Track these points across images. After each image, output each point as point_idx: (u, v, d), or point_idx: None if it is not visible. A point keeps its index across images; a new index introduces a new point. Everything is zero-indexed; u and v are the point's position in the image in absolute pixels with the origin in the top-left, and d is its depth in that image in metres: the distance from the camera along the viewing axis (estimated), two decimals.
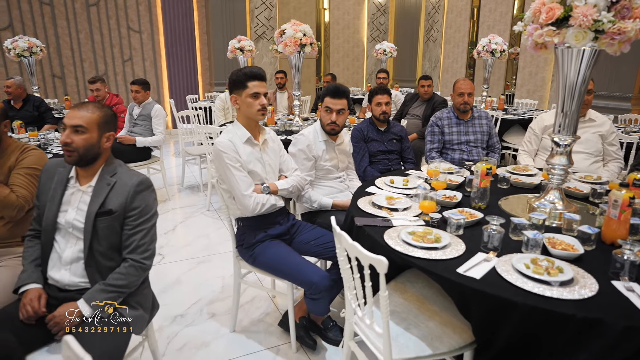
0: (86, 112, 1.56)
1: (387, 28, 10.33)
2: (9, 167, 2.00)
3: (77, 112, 1.55)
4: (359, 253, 1.43)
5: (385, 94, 3.11)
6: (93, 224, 1.58)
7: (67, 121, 1.54)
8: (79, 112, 1.55)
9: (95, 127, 1.57)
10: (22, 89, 4.77)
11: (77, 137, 1.54)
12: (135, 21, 8.12)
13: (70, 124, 1.54)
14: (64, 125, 1.56)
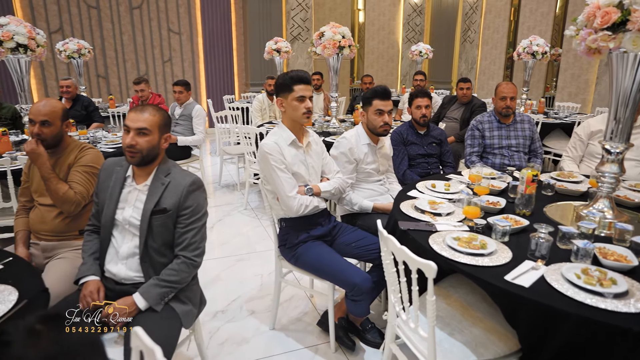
0: (149, 115, 1.64)
1: (422, 29, 10.23)
2: (68, 164, 2.12)
3: (140, 116, 1.63)
4: (407, 257, 1.44)
5: (425, 97, 3.10)
6: (148, 221, 1.66)
7: (130, 124, 1.62)
8: (141, 115, 1.64)
9: (156, 129, 1.66)
10: (76, 89, 5.02)
11: (141, 139, 1.62)
12: (176, 23, 8.36)
13: (134, 127, 1.62)
14: (126, 128, 1.64)
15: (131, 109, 1.69)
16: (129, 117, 1.65)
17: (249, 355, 2.27)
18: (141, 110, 1.66)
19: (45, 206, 2.10)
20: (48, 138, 2.04)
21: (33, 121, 2.02)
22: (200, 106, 4.59)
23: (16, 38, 3.36)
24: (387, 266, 1.67)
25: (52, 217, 2.08)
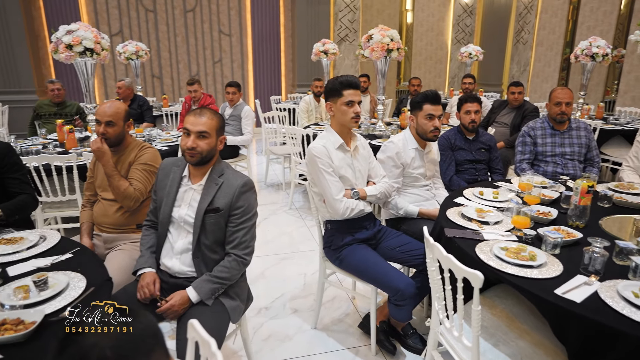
0: (207, 119, 1.73)
1: (472, 30, 9.97)
2: (129, 162, 2.26)
3: (199, 119, 1.72)
4: (453, 265, 1.44)
5: (475, 102, 3.04)
6: (202, 219, 1.75)
7: (191, 127, 1.71)
8: (201, 119, 1.72)
9: (214, 132, 1.75)
10: (130, 89, 5.30)
11: (201, 142, 1.72)
12: (226, 25, 8.62)
13: (195, 130, 1.71)
14: (186, 131, 1.73)
15: (189, 112, 1.78)
16: (188, 120, 1.74)
17: (290, 353, 2.33)
18: (200, 114, 1.74)
19: (108, 200, 2.25)
20: (112, 137, 2.19)
21: (99, 121, 2.18)
22: (249, 107, 4.73)
23: (84, 42, 3.59)
24: (432, 273, 1.67)
25: (113, 210, 2.23)
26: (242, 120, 4.66)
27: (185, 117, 1.79)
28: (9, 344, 1.15)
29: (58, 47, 3.60)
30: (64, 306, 1.34)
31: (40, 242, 1.80)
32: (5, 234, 1.84)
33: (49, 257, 1.67)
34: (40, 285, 1.41)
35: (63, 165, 3.06)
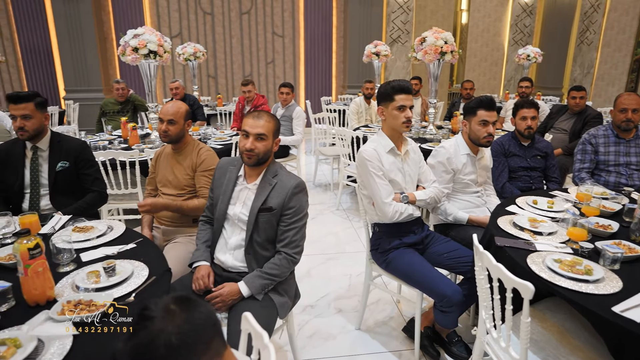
0: (265, 122, 1.81)
1: (532, 30, 9.57)
2: (189, 160, 2.38)
3: (258, 122, 1.80)
4: (502, 275, 1.43)
5: (532, 108, 2.94)
6: (255, 218, 1.83)
7: (250, 130, 1.79)
8: (259, 121, 1.80)
9: (271, 134, 1.82)
10: (183, 89, 5.55)
11: (259, 143, 1.80)
12: (280, 26, 8.80)
13: (253, 133, 1.79)
14: (245, 132, 1.81)
15: (247, 114, 1.86)
16: (247, 122, 1.82)
17: (334, 352, 2.37)
18: (258, 116, 1.82)
19: (167, 195, 2.39)
20: (172, 135, 2.33)
21: (162, 119, 2.33)
22: (301, 108, 4.81)
23: (149, 45, 3.82)
24: (481, 282, 1.65)
25: None
26: (294, 121, 4.76)
27: (243, 119, 1.87)
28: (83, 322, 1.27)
29: (125, 50, 3.84)
30: (129, 292, 1.46)
31: (107, 232, 1.95)
32: (79, 222, 2.01)
33: (115, 246, 1.81)
34: (109, 272, 1.53)
35: (127, 160, 3.27)
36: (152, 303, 0.94)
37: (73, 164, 2.47)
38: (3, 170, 2.42)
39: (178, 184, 2.37)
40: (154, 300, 0.96)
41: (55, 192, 2.44)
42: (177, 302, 0.95)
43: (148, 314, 0.92)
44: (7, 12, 7.92)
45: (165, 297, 0.96)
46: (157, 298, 0.97)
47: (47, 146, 2.42)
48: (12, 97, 2.27)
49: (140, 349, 0.87)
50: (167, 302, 0.94)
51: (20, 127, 2.28)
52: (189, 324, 0.91)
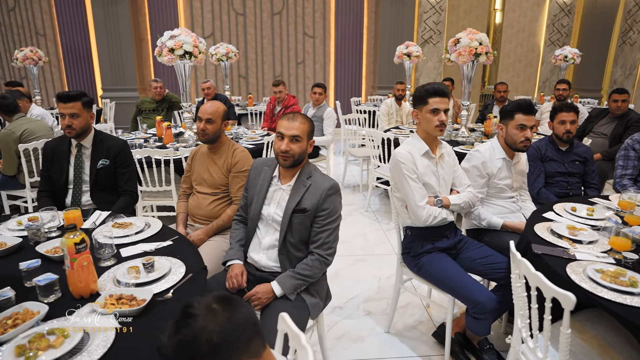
0: (300, 124, 1.82)
1: (570, 30, 9.27)
2: (224, 160, 2.43)
3: (293, 124, 1.82)
4: (542, 284, 1.39)
5: (571, 112, 2.85)
6: (289, 218, 1.84)
7: (285, 132, 1.81)
8: (294, 123, 1.82)
9: (306, 136, 1.83)
10: (215, 89, 5.65)
11: (294, 145, 1.81)
12: (311, 27, 8.83)
13: (289, 135, 1.80)
14: (280, 134, 1.83)
15: (282, 116, 1.88)
16: (282, 124, 1.84)
17: (363, 353, 2.37)
18: (293, 118, 1.83)
19: (202, 194, 2.45)
20: (210, 134, 2.38)
21: (200, 118, 2.38)
22: (332, 109, 4.82)
23: (184, 46, 3.91)
24: (517, 290, 1.62)
25: (206, 204, 2.42)
26: (324, 121, 4.77)
27: (278, 121, 1.89)
28: (124, 315, 1.31)
29: (162, 50, 3.94)
30: (167, 288, 1.50)
31: (145, 229, 2.01)
32: (118, 219, 2.08)
33: (153, 243, 1.86)
34: (148, 268, 1.58)
35: (162, 158, 3.36)
36: (195, 301, 0.97)
37: (112, 162, 2.55)
38: (50, 166, 2.53)
39: (213, 182, 2.42)
40: (197, 299, 0.98)
41: (95, 189, 2.53)
42: (219, 301, 0.97)
43: (191, 311, 0.94)
44: (50, 15, 8.27)
45: (207, 296, 0.98)
46: (199, 296, 1.00)
47: (90, 144, 2.52)
48: (62, 97, 2.37)
49: (183, 346, 0.90)
50: (209, 301, 0.96)
51: (68, 125, 2.37)
52: (230, 323, 0.93)
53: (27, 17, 8.21)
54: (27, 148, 3.60)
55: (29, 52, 6.42)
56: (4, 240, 1.86)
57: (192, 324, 0.91)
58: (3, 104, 3.65)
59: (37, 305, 1.34)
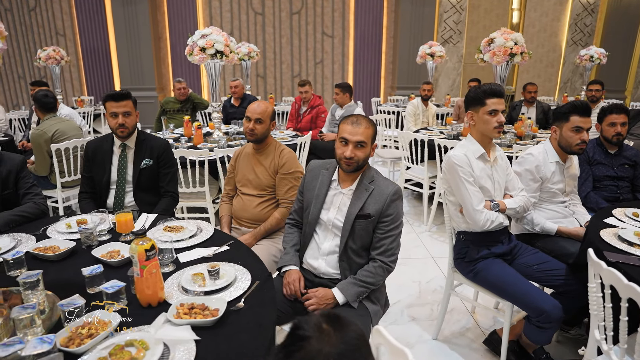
0: (364, 129, 1.75)
1: (592, 30, 9.13)
2: (270, 160, 2.37)
3: (357, 129, 1.75)
4: (637, 295, 1.32)
5: (622, 113, 2.76)
6: (352, 224, 1.78)
7: (349, 137, 1.74)
8: (358, 128, 1.75)
9: (369, 140, 1.77)
10: (243, 88, 5.61)
11: (358, 151, 1.75)
12: (329, 27, 8.78)
13: (354, 140, 1.74)
14: (344, 140, 1.76)
15: (345, 121, 1.80)
16: (345, 129, 1.77)
17: None
18: (357, 123, 1.76)
19: (247, 196, 2.39)
20: (259, 134, 2.32)
21: (249, 118, 2.32)
22: (361, 109, 4.76)
23: (216, 45, 3.86)
24: (596, 300, 1.54)
25: (253, 206, 2.37)
26: None
27: (340, 125, 1.82)
28: (200, 326, 1.26)
29: (193, 49, 3.90)
30: (237, 296, 1.44)
31: (198, 233, 1.96)
32: (169, 222, 2.03)
33: (209, 248, 1.80)
34: (213, 275, 1.52)
35: (197, 159, 3.32)
36: (302, 322, 0.91)
37: (155, 162, 2.51)
38: (91, 167, 2.49)
39: (259, 183, 2.36)
40: (303, 319, 0.93)
41: (138, 189, 2.49)
42: (328, 320, 0.92)
43: (302, 333, 0.88)
44: (71, 15, 8.28)
45: (313, 316, 0.93)
46: (303, 316, 0.94)
47: (134, 144, 2.48)
48: (116, 95, 2.33)
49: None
50: (318, 321, 0.91)
51: (122, 124, 2.33)
52: (345, 343, 0.87)
53: (48, 17, 8.24)
54: (59, 148, 3.58)
55: (52, 51, 6.42)
56: (57, 244, 1.82)
57: (305, 347, 0.85)
58: (44, 101, 3.64)
59: (107, 314, 1.29)
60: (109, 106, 2.34)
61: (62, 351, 1.14)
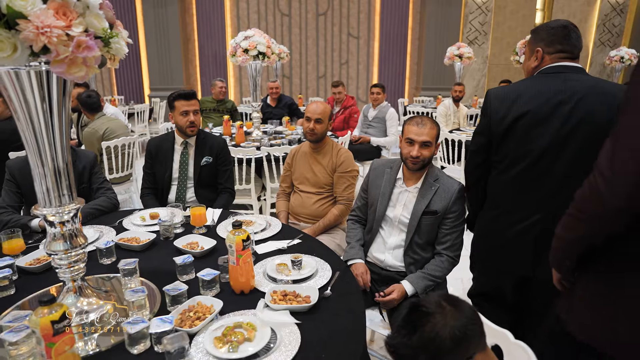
0: (429, 129, 1.83)
1: (621, 30, 9.05)
2: (328, 159, 2.46)
3: (422, 130, 1.83)
4: None
5: None
6: (418, 221, 1.86)
7: (415, 138, 1.82)
8: (424, 129, 1.83)
9: (434, 140, 1.84)
10: (280, 88, 5.72)
11: (425, 150, 1.83)
12: (355, 28, 8.85)
13: (419, 141, 1.82)
14: (410, 140, 1.84)
15: (410, 121, 1.88)
16: (410, 130, 1.84)
17: None
18: (422, 123, 1.84)
19: (306, 193, 2.49)
20: (319, 133, 2.41)
21: (309, 118, 2.41)
22: (394, 110, 4.82)
23: (258, 47, 3.97)
24: None
25: (311, 203, 2.46)
26: (387, 122, 4.78)
27: (405, 126, 1.90)
28: (296, 312, 1.35)
29: (236, 51, 4.01)
30: (324, 285, 1.53)
31: (267, 227, 2.05)
32: (239, 216, 2.13)
33: (284, 240, 1.89)
34: (297, 265, 1.61)
35: (244, 157, 3.42)
36: (424, 300, 1.00)
37: (215, 160, 2.61)
38: (153, 164, 2.60)
39: (317, 182, 2.45)
40: (423, 298, 1.02)
41: (199, 185, 2.60)
42: (445, 299, 1.01)
43: (426, 310, 0.97)
44: None
45: (431, 295, 1.02)
46: (423, 296, 1.03)
47: (194, 141, 2.58)
48: (187, 95, 2.45)
49: (427, 342, 0.93)
50: (438, 300, 1.00)
51: (192, 121, 2.45)
52: (466, 318, 0.96)
53: None
54: (109, 146, 3.72)
55: None
56: (138, 236, 1.93)
57: (431, 320, 0.94)
58: (89, 102, 3.78)
59: (209, 300, 1.39)
60: (180, 105, 2.45)
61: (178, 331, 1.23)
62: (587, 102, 1.49)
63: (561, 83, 1.54)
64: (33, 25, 0.95)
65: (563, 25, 1.61)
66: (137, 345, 1.19)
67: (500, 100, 1.64)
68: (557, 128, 1.52)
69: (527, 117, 1.56)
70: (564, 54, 1.60)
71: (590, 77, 1.57)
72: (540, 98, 1.55)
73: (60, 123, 1.19)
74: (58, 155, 1.22)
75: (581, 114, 1.49)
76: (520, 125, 1.58)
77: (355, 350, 1.22)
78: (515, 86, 1.64)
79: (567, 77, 1.55)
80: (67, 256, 1.30)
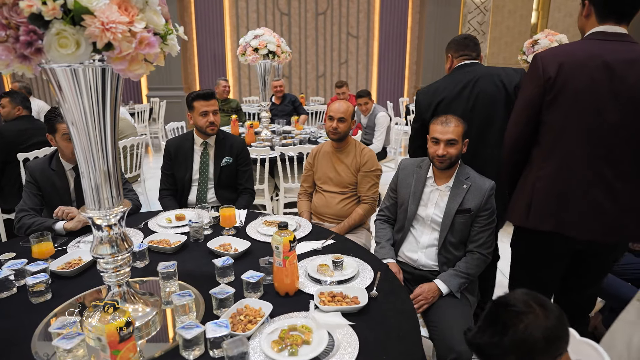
0: (455, 127, 1.81)
1: None
2: (351, 159, 2.44)
3: (447, 128, 1.81)
4: None
5: None
6: (452, 219, 1.85)
7: (441, 136, 1.81)
8: (448, 127, 1.81)
9: (460, 138, 1.83)
10: (284, 87, 5.70)
11: (451, 148, 1.81)
12: (354, 27, 8.84)
13: (445, 139, 1.80)
14: (436, 139, 1.83)
15: (435, 120, 1.86)
16: (436, 129, 1.83)
17: None
18: (447, 122, 1.82)
19: (329, 192, 2.46)
20: (342, 132, 2.39)
21: (332, 117, 2.39)
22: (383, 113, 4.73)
23: (268, 46, 3.94)
24: None
25: (335, 202, 2.44)
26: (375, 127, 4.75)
27: (430, 126, 1.89)
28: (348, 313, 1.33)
29: (246, 50, 3.98)
30: (369, 285, 1.51)
31: (298, 228, 2.03)
32: (267, 217, 2.10)
33: (318, 241, 1.87)
34: (338, 265, 1.59)
35: (258, 157, 3.39)
36: (511, 300, 0.98)
37: (235, 160, 2.58)
38: (172, 165, 2.56)
39: (340, 181, 2.43)
40: (508, 297, 1.00)
41: (219, 186, 2.56)
42: (532, 298, 0.99)
43: (515, 310, 0.95)
44: None
45: (517, 294, 1.00)
46: (507, 295, 1.01)
47: (214, 142, 2.55)
48: (206, 95, 2.41)
49: (519, 343, 0.92)
50: (525, 298, 0.98)
51: (212, 122, 2.41)
52: (555, 318, 0.95)
53: None
54: (118, 146, 3.65)
55: None
56: (167, 238, 1.90)
57: (524, 320, 0.93)
58: None
59: (256, 302, 1.36)
60: (199, 105, 2.42)
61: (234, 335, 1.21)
62: (480, 84, 2.08)
63: (463, 74, 2.13)
64: (99, 21, 0.92)
65: (464, 37, 2.23)
66: (193, 350, 1.16)
67: (424, 94, 2.23)
68: (464, 104, 2.10)
69: (444, 102, 2.14)
70: (465, 56, 2.20)
71: (482, 67, 2.15)
72: (450, 87, 2.14)
73: (112, 122, 1.16)
74: (108, 156, 1.18)
75: (477, 91, 2.08)
76: (440, 109, 2.13)
77: (414, 351, 1.20)
78: (435, 83, 2.24)
79: (467, 70, 2.14)
80: (114, 260, 1.26)
